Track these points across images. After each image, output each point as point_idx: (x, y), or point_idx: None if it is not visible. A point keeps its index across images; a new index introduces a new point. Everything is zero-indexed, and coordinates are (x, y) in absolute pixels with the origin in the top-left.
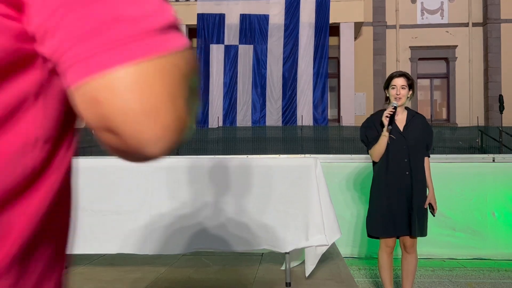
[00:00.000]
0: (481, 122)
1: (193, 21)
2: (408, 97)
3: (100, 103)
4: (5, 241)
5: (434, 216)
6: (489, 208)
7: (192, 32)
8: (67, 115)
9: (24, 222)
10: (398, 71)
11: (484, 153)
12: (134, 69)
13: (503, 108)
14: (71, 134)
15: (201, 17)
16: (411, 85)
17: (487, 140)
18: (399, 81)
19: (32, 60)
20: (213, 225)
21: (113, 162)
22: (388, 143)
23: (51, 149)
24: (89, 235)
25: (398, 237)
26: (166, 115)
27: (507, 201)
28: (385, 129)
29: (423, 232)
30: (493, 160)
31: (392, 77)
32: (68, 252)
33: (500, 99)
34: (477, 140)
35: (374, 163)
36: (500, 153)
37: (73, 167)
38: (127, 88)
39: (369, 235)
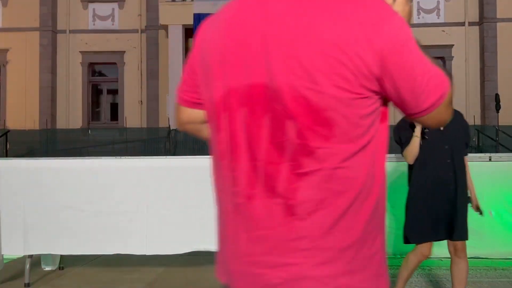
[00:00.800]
0: (478, 121)
1: (190, 21)
2: None
3: (425, 122)
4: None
5: (482, 215)
6: (486, 207)
7: (188, 32)
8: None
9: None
10: None
11: (481, 152)
12: (438, 108)
13: (500, 107)
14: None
15: (197, 17)
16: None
17: (483, 139)
18: None
19: (379, 99)
20: (211, 225)
21: (110, 163)
22: (429, 144)
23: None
24: (86, 236)
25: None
26: (449, 116)
27: (504, 200)
28: (417, 129)
29: (466, 235)
30: (490, 159)
31: None
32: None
33: (497, 98)
34: (474, 139)
35: (411, 165)
36: (496, 152)
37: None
38: (435, 116)
39: (408, 242)
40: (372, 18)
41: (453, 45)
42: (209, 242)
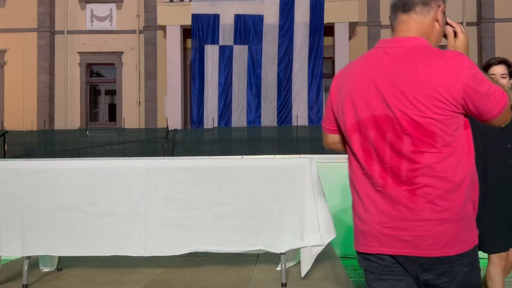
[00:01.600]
0: None
1: (188, 22)
2: (509, 87)
3: (494, 123)
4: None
5: None
6: None
7: (186, 32)
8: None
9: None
10: (496, 58)
11: None
12: (502, 114)
13: None
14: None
15: (195, 17)
16: (511, 73)
17: None
18: (499, 69)
19: (463, 116)
20: (208, 226)
21: (108, 164)
22: (492, 142)
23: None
24: (84, 237)
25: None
26: (509, 117)
27: None
28: None
29: None
30: None
31: (489, 64)
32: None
33: None
34: None
35: None
36: None
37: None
38: (501, 118)
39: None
40: (453, 67)
41: None
42: (207, 243)
